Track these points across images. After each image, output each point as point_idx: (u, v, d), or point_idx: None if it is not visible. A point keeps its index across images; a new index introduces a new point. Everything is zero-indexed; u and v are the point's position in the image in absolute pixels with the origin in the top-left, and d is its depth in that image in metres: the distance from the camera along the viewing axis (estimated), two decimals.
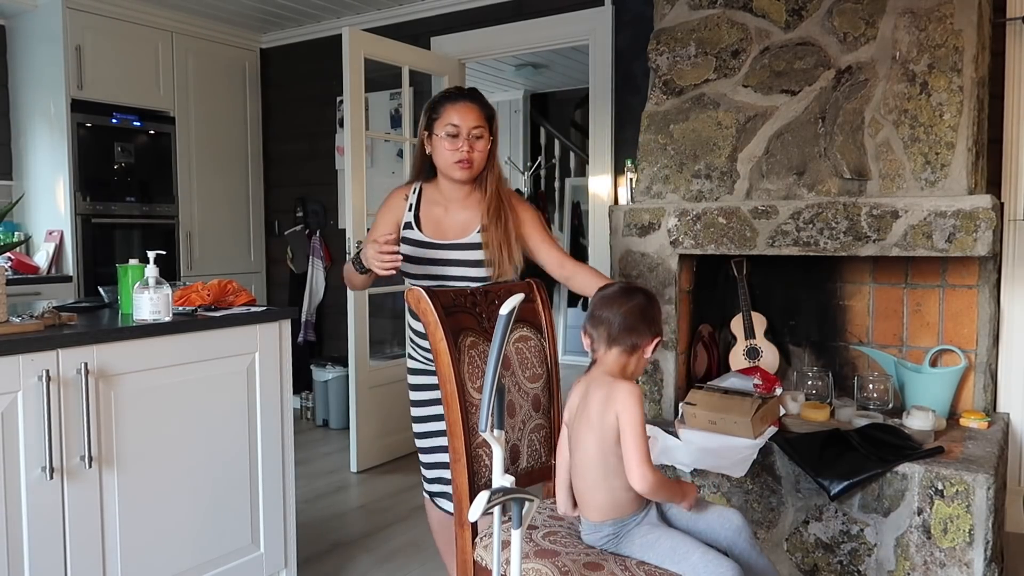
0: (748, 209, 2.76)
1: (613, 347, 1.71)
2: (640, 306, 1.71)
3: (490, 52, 4.42)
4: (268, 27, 5.05)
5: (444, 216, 2.19)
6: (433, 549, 2.88)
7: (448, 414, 1.80)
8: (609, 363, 1.71)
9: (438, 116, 2.13)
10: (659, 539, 1.65)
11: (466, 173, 2.13)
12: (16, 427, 1.85)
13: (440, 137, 2.12)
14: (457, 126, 2.10)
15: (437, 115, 2.13)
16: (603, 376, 1.70)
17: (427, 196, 2.21)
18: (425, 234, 2.16)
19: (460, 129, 2.10)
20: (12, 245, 4.23)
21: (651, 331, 1.71)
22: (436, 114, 2.14)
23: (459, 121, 2.10)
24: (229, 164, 5.07)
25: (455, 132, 2.10)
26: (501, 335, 1.46)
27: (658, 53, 3.13)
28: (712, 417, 2.61)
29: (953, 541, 2.27)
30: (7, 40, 4.48)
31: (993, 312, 2.85)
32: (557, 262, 2.24)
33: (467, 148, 2.10)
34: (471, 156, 2.11)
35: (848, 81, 2.77)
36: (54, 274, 4.27)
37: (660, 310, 1.77)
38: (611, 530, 1.69)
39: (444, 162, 2.13)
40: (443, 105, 2.13)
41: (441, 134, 2.11)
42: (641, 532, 1.67)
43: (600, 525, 1.69)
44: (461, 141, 2.10)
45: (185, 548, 2.24)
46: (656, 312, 1.74)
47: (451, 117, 2.11)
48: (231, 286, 2.51)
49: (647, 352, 1.72)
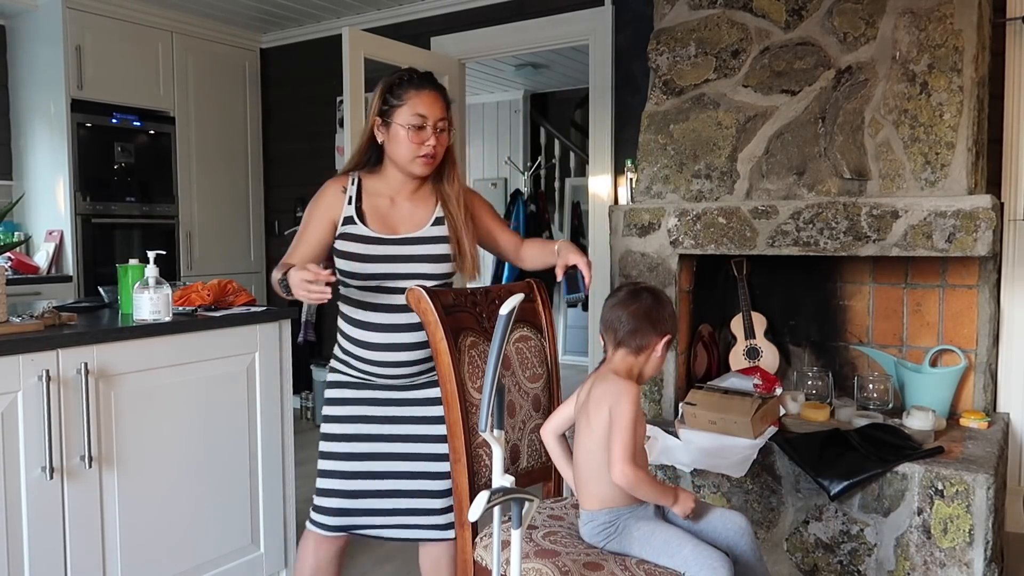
0: (748, 209, 2.76)
1: (620, 348, 1.74)
2: (646, 307, 1.72)
3: (490, 52, 4.42)
4: (268, 27, 5.05)
5: (390, 209, 1.98)
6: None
7: (448, 414, 1.80)
8: (616, 362, 1.74)
9: (401, 103, 1.90)
10: (654, 533, 1.67)
11: (428, 168, 1.95)
12: (16, 427, 1.85)
13: (401, 127, 1.90)
14: (424, 117, 1.90)
15: (400, 102, 1.91)
16: (607, 373, 1.73)
17: (369, 187, 1.98)
18: (371, 229, 1.94)
19: (427, 121, 1.90)
20: (12, 245, 4.23)
21: (658, 331, 1.72)
22: (398, 100, 1.91)
23: (426, 112, 1.90)
24: (229, 164, 5.06)
25: (421, 124, 1.90)
26: (501, 335, 1.46)
27: (658, 53, 3.13)
28: (712, 417, 2.61)
29: (953, 541, 2.27)
30: (7, 40, 4.47)
31: (993, 312, 2.85)
32: (514, 245, 2.12)
33: (434, 142, 1.91)
34: (437, 151, 1.93)
35: (848, 81, 2.76)
36: (54, 274, 4.27)
37: (670, 310, 1.77)
38: (607, 519, 1.70)
39: (405, 155, 1.92)
40: (406, 91, 1.91)
41: (404, 124, 1.89)
42: (637, 526, 1.69)
43: (596, 514, 1.71)
44: (428, 134, 1.90)
45: (185, 548, 2.24)
46: (664, 312, 1.74)
47: (417, 107, 1.90)
48: (231, 286, 2.51)
49: (656, 351, 1.74)
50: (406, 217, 1.99)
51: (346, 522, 2.00)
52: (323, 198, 1.97)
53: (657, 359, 1.75)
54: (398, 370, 1.97)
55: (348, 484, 1.99)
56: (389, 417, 2.00)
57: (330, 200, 1.96)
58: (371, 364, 1.96)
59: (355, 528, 2.01)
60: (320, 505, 2.01)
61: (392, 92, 1.93)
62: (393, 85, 1.93)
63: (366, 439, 1.99)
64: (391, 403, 2.00)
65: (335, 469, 1.99)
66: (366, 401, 2.00)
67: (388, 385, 1.99)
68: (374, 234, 1.94)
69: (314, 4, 4.55)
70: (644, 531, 1.68)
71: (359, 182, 1.98)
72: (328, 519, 2.00)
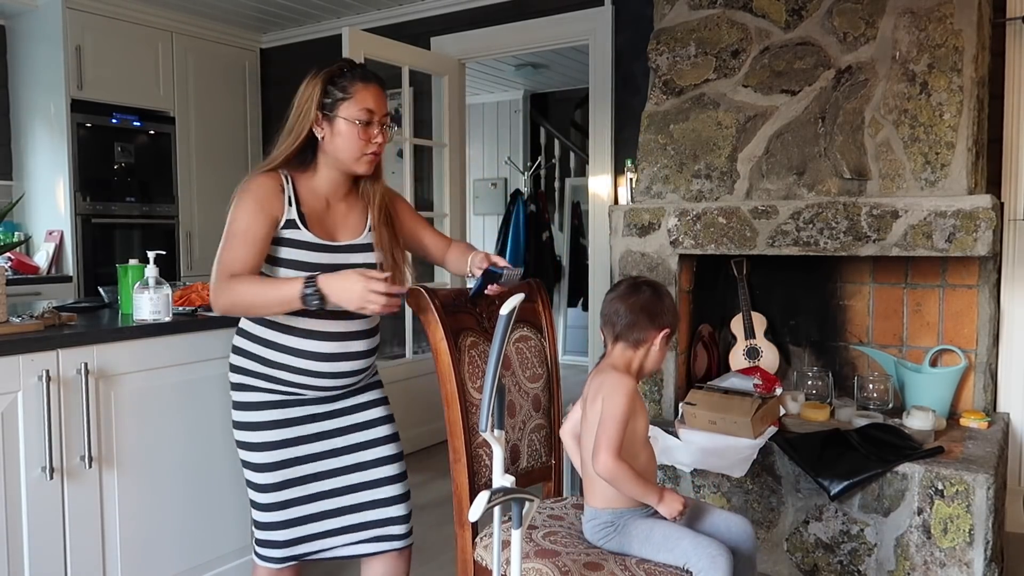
0: (748, 209, 2.76)
1: (619, 342, 1.74)
2: (644, 301, 1.72)
3: (490, 52, 4.42)
4: (268, 27, 5.05)
5: (326, 214, 1.83)
6: (435, 549, 2.88)
7: (448, 414, 1.80)
8: (615, 356, 1.74)
9: (347, 97, 1.76)
10: (653, 529, 1.67)
11: (372, 167, 1.83)
12: (16, 427, 1.85)
13: (347, 122, 1.76)
14: (372, 112, 1.77)
15: (345, 95, 1.76)
16: (606, 366, 1.73)
17: (303, 188, 1.80)
18: (315, 235, 1.78)
19: (374, 116, 1.78)
20: (12, 245, 4.23)
21: (656, 325, 1.71)
22: (343, 94, 1.76)
23: (374, 106, 1.77)
24: (229, 164, 5.06)
25: (369, 119, 1.77)
26: (501, 335, 1.46)
27: (658, 53, 3.13)
28: (712, 417, 2.61)
29: (953, 541, 2.27)
30: (7, 40, 4.47)
31: (993, 312, 2.85)
32: (440, 246, 1.99)
33: (381, 139, 1.79)
34: (381, 149, 1.82)
35: (848, 81, 2.77)
36: (54, 274, 4.27)
37: (670, 303, 1.75)
38: (609, 518, 1.70)
39: (351, 152, 1.77)
40: (352, 84, 1.77)
41: (350, 119, 1.76)
42: (637, 524, 1.69)
43: (600, 512, 1.71)
44: (375, 130, 1.78)
45: (185, 548, 2.24)
46: (662, 306, 1.73)
47: (366, 101, 1.77)
48: None
49: (655, 345, 1.72)
50: (341, 222, 1.84)
51: (296, 551, 1.86)
52: (261, 194, 1.74)
53: (656, 353, 1.74)
54: (344, 380, 1.84)
55: (291, 512, 1.84)
56: (323, 432, 1.85)
57: (271, 198, 1.75)
58: (312, 376, 1.79)
59: (308, 555, 1.88)
60: (264, 539, 1.85)
61: (335, 84, 1.78)
62: (335, 76, 1.78)
63: (301, 461, 1.84)
64: (322, 417, 1.85)
65: (272, 501, 1.83)
66: (294, 421, 1.83)
67: (320, 398, 1.84)
68: (319, 241, 1.78)
69: (314, 4, 4.55)
70: (643, 528, 1.68)
71: (292, 181, 1.80)
72: (276, 552, 1.84)
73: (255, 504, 1.85)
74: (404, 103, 4.27)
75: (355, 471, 1.89)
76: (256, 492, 1.84)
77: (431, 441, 4.12)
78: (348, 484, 1.88)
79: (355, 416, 1.89)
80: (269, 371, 1.80)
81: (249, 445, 1.83)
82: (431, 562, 2.83)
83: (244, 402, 1.83)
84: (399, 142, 4.50)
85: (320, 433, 1.85)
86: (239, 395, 1.84)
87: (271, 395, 1.81)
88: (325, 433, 1.86)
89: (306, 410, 1.84)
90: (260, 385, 1.81)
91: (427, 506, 3.27)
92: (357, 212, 1.87)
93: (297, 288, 1.65)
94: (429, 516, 3.17)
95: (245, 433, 1.83)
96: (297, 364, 1.78)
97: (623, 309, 1.72)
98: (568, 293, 6.69)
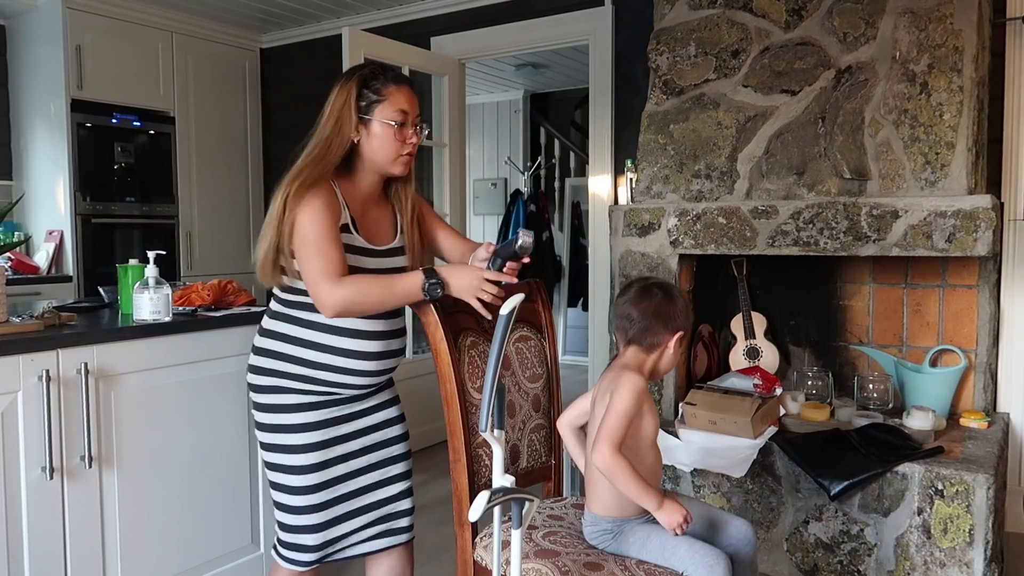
0: (748, 209, 2.76)
1: (631, 345, 1.73)
2: (656, 305, 1.71)
3: (490, 52, 4.42)
4: (268, 27, 5.05)
5: (366, 217, 1.84)
6: (434, 549, 2.88)
7: (448, 414, 1.80)
8: (627, 358, 1.73)
9: (382, 99, 1.77)
10: (650, 535, 1.66)
11: (407, 168, 1.85)
12: (16, 427, 1.85)
13: (383, 124, 1.78)
14: (406, 113, 1.79)
15: (380, 97, 1.77)
16: (617, 366, 1.73)
17: (346, 193, 1.81)
18: (365, 240, 1.81)
19: (408, 117, 1.80)
20: (12, 245, 4.23)
21: (669, 328, 1.71)
22: (378, 96, 1.78)
23: (408, 107, 1.79)
24: (229, 164, 5.06)
25: (404, 120, 1.79)
26: (501, 335, 1.46)
27: (658, 53, 3.13)
28: (712, 417, 2.61)
29: (953, 541, 2.27)
30: (7, 40, 4.47)
31: (993, 312, 2.85)
32: (461, 250, 1.98)
33: (415, 140, 1.81)
34: (415, 149, 1.84)
35: (848, 81, 2.77)
36: (54, 274, 4.27)
37: (683, 306, 1.74)
38: (609, 526, 1.69)
39: (387, 155, 1.79)
40: (385, 86, 1.79)
41: (386, 121, 1.77)
42: (636, 531, 1.68)
43: (600, 519, 1.71)
44: (409, 131, 1.80)
45: (185, 548, 2.24)
46: (675, 309, 1.72)
47: (399, 102, 1.78)
48: (231, 286, 2.51)
49: (669, 349, 1.72)
50: (377, 225, 1.86)
51: (325, 552, 1.86)
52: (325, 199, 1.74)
53: (670, 356, 1.73)
54: (380, 378, 1.87)
55: (327, 514, 1.83)
56: (353, 432, 1.86)
57: (333, 203, 1.75)
58: (355, 375, 1.81)
59: (332, 556, 1.88)
60: (294, 543, 1.83)
61: (368, 87, 1.78)
62: (367, 80, 1.79)
63: (338, 461, 1.84)
64: (353, 416, 1.86)
65: (310, 504, 1.81)
66: (332, 421, 1.83)
67: (350, 398, 1.85)
68: (368, 245, 1.81)
69: (314, 4, 4.55)
70: (641, 534, 1.67)
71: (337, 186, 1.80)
72: (306, 555, 1.84)
73: (288, 507, 1.82)
74: None
75: (373, 470, 1.90)
76: (291, 495, 1.81)
77: (431, 441, 4.12)
78: (368, 483, 1.90)
79: (376, 416, 1.91)
80: (307, 371, 1.79)
81: (291, 448, 1.80)
82: (431, 562, 2.83)
83: (280, 404, 1.81)
84: None
85: (351, 433, 1.86)
86: (271, 397, 1.82)
87: (307, 396, 1.80)
88: (355, 433, 1.87)
89: (340, 410, 1.84)
90: (295, 387, 1.80)
91: (427, 506, 3.27)
92: (388, 215, 1.90)
93: (419, 280, 1.70)
94: (429, 516, 3.17)
95: (285, 436, 1.80)
96: (342, 364, 1.79)
97: (636, 314, 1.71)
98: (568, 293, 6.69)
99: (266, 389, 1.82)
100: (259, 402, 1.84)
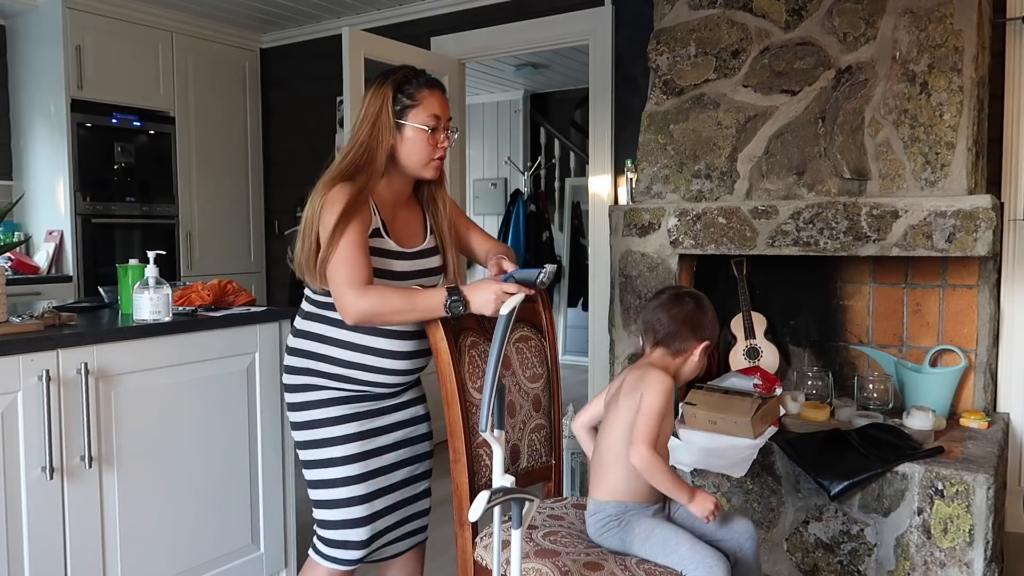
0: (748, 209, 2.76)
1: (658, 347, 1.79)
2: (687, 312, 1.77)
3: (490, 52, 4.42)
4: (268, 27, 5.05)
5: (396, 220, 1.86)
6: (436, 548, 2.88)
7: (448, 414, 1.80)
8: (654, 358, 1.78)
9: (415, 103, 1.79)
10: (654, 530, 1.68)
11: (438, 172, 1.88)
12: (16, 427, 1.85)
13: (416, 129, 1.79)
14: (438, 118, 1.81)
15: (413, 102, 1.79)
16: (645, 364, 1.78)
17: (377, 197, 1.83)
18: (396, 243, 1.84)
19: (440, 122, 1.82)
20: (12, 245, 4.23)
21: (697, 336, 1.77)
22: (412, 101, 1.79)
23: (440, 112, 1.82)
24: (229, 164, 5.07)
25: (436, 125, 1.81)
26: (502, 335, 1.46)
27: (658, 53, 3.13)
28: (712, 417, 2.61)
29: (953, 541, 2.27)
30: (7, 40, 4.47)
31: (993, 312, 2.85)
32: (486, 248, 2.00)
33: (447, 144, 1.84)
34: (446, 153, 1.86)
35: (848, 81, 2.76)
36: (54, 274, 4.27)
37: (712, 316, 1.80)
38: (614, 511, 1.71)
39: (420, 159, 1.82)
40: (419, 90, 1.81)
41: (420, 126, 1.79)
42: (640, 523, 1.69)
43: (604, 505, 1.72)
44: (441, 136, 1.82)
45: (185, 548, 2.24)
46: (705, 319, 1.78)
47: (432, 107, 1.80)
48: (231, 286, 2.51)
49: (694, 356, 1.78)
50: (407, 228, 1.89)
51: (371, 549, 1.86)
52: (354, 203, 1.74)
53: (694, 363, 1.79)
54: (411, 376, 1.91)
55: (373, 506, 1.84)
56: (387, 426, 1.89)
57: (363, 206, 1.76)
58: (389, 374, 1.84)
59: (374, 553, 1.89)
60: (342, 539, 1.82)
61: (402, 91, 1.80)
62: (402, 84, 1.81)
63: (376, 453, 1.86)
64: (386, 411, 1.89)
65: (357, 495, 1.82)
66: (369, 413, 1.85)
67: (383, 394, 1.88)
68: (400, 248, 1.83)
69: (314, 4, 4.55)
70: (645, 527, 1.69)
71: None
72: (355, 553, 1.83)
73: (332, 502, 1.82)
74: None
75: (404, 465, 1.93)
76: (335, 488, 1.82)
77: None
78: (402, 479, 1.92)
79: (406, 412, 1.93)
80: (341, 371, 1.82)
81: (330, 440, 1.82)
82: (431, 562, 2.82)
83: (315, 400, 1.83)
84: None
85: (385, 426, 1.89)
86: (305, 395, 1.84)
87: (344, 392, 1.83)
88: (388, 427, 1.89)
89: (374, 404, 1.87)
90: (328, 384, 1.82)
91: None
92: (417, 216, 1.92)
93: (441, 297, 1.70)
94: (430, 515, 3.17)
95: (322, 430, 1.82)
96: (377, 363, 1.82)
97: (666, 319, 1.77)
98: (568, 293, 6.69)
99: (300, 388, 1.85)
100: (293, 401, 1.86)
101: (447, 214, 1.94)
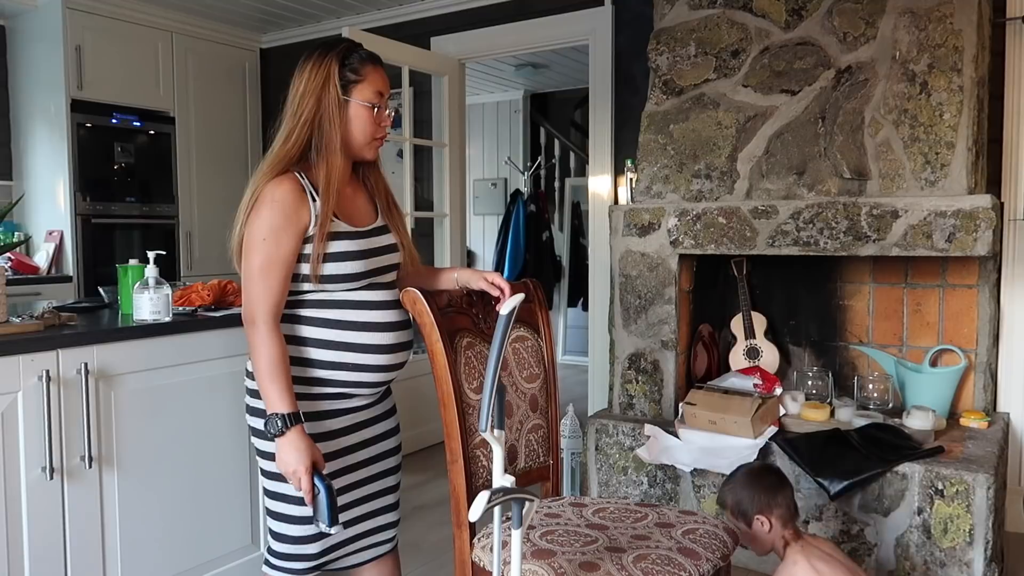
0: (748, 209, 2.76)
1: None
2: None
3: (490, 52, 4.42)
4: (268, 27, 5.05)
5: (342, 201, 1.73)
6: (434, 549, 2.88)
7: (445, 415, 1.80)
8: None
9: (360, 79, 1.68)
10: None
11: (376, 153, 1.79)
12: (16, 427, 1.85)
13: (361, 106, 1.69)
14: (382, 95, 1.72)
15: (359, 77, 1.68)
16: None
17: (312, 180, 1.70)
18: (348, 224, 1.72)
19: (383, 99, 1.72)
20: (12, 245, 4.23)
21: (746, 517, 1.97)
22: (357, 76, 1.68)
23: (383, 88, 1.72)
24: (229, 164, 5.07)
25: (380, 102, 1.71)
26: (501, 335, 1.46)
27: (658, 53, 3.13)
28: (712, 417, 2.61)
29: (953, 541, 2.27)
30: (7, 40, 4.48)
31: (993, 312, 2.85)
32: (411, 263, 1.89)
33: (387, 123, 1.75)
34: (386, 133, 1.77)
35: (848, 81, 2.76)
36: (54, 274, 4.27)
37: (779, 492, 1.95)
38: None
39: (363, 137, 1.71)
40: (363, 65, 1.69)
41: (365, 103, 1.69)
42: None
43: None
44: (384, 113, 1.73)
45: (185, 547, 2.24)
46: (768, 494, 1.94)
47: (376, 83, 1.70)
48: (231, 286, 2.52)
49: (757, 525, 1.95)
50: (355, 207, 1.76)
51: (322, 561, 1.79)
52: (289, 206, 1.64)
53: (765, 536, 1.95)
54: (392, 374, 1.79)
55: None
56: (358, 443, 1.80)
57: (298, 207, 1.64)
58: (370, 371, 1.73)
59: (328, 564, 1.81)
60: (295, 553, 1.75)
61: (347, 66, 1.68)
62: (345, 57, 1.68)
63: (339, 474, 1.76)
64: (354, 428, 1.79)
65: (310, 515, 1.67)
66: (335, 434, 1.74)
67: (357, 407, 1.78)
68: (353, 229, 1.71)
69: (314, 4, 4.55)
70: None
71: (305, 177, 1.69)
72: (305, 564, 1.76)
73: (289, 517, 1.73)
74: (404, 103, 4.27)
75: (372, 481, 1.85)
76: (293, 506, 1.71)
77: (430, 441, 4.12)
78: (366, 494, 1.84)
79: (378, 426, 1.85)
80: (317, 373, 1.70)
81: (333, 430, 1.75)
82: (431, 562, 2.83)
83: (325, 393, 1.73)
84: (399, 142, 4.51)
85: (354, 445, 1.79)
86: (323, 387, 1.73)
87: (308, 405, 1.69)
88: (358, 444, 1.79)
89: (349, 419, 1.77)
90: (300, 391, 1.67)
91: (427, 506, 3.28)
92: (362, 196, 1.81)
93: (282, 406, 1.59)
94: (429, 516, 3.17)
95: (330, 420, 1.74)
96: (356, 360, 1.71)
97: None
98: (568, 293, 6.69)
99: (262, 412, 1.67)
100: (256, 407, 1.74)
101: (388, 196, 1.84)
